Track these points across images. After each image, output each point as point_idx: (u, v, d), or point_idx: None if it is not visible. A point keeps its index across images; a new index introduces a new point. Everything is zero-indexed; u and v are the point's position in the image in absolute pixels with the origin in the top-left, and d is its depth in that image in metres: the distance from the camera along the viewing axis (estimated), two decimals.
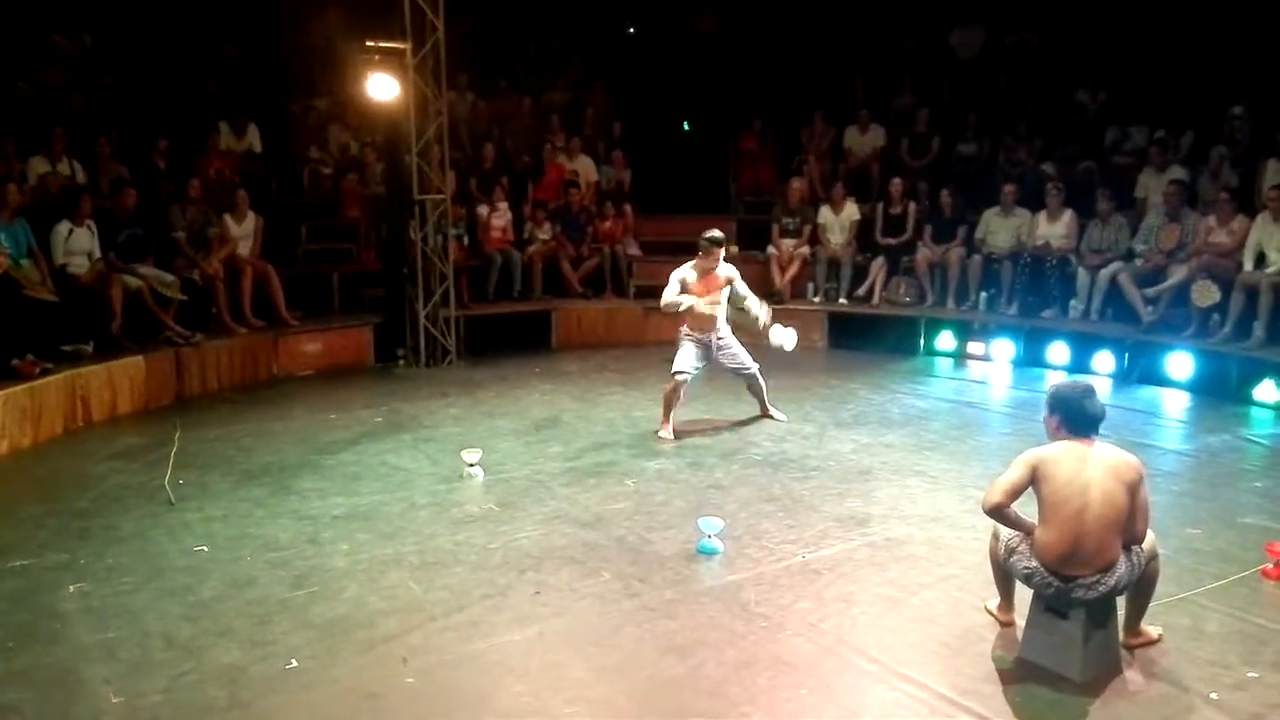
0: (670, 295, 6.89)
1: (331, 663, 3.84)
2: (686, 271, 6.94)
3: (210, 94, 10.66)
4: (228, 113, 10.41)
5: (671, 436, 6.90)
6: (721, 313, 7.05)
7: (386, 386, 8.73)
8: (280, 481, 6.02)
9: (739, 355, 7.13)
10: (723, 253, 6.96)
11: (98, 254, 8.00)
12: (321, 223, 10.34)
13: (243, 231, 9.13)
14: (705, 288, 6.93)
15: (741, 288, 7.13)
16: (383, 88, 8.83)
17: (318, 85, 11.31)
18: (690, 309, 6.89)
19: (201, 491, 5.84)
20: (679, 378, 6.92)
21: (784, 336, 7.15)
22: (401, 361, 9.45)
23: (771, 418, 7.31)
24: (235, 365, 8.68)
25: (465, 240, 10.17)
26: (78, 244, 7.89)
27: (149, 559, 4.85)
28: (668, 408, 6.98)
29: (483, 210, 10.50)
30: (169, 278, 8.31)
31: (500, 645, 3.97)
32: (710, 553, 4.84)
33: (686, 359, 6.95)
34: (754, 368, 7.19)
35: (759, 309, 7.11)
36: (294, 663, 3.83)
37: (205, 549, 4.97)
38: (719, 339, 7.05)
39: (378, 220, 10.10)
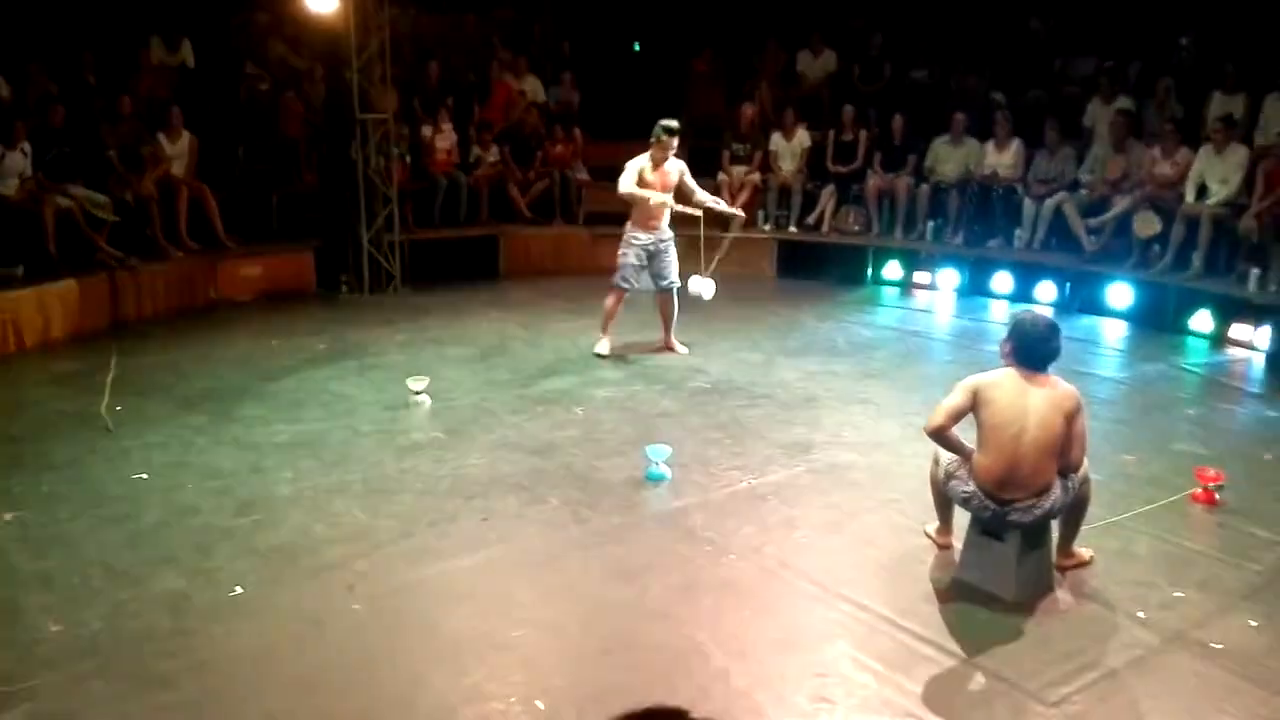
0: (629, 185, 6.73)
1: (276, 590, 3.83)
2: (643, 161, 6.81)
3: (141, 6, 10.18)
4: (160, 26, 9.98)
5: (607, 349, 6.96)
6: (668, 211, 6.91)
7: (329, 312, 8.60)
8: (221, 408, 5.92)
9: (671, 265, 7.00)
10: (675, 142, 6.78)
11: (30, 174, 7.70)
12: (259, 142, 10.01)
13: (177, 151, 8.83)
14: (660, 181, 6.81)
15: (691, 182, 7.02)
16: (321, 0, 8.51)
17: None
18: (645, 201, 6.73)
19: (140, 418, 5.73)
20: (622, 286, 6.90)
21: (702, 286, 7.01)
22: (344, 287, 9.28)
23: (673, 350, 7.21)
24: (172, 289, 8.47)
25: (408, 160, 9.94)
26: (11, 166, 7.57)
27: (86, 487, 4.77)
28: (608, 319, 7.01)
29: (427, 131, 10.25)
30: (101, 198, 8.03)
31: (447, 571, 3.98)
32: (658, 479, 4.88)
33: (634, 274, 6.90)
34: (677, 283, 7.04)
35: (713, 202, 7.09)
36: (238, 590, 3.81)
37: (145, 476, 4.90)
38: (662, 241, 6.94)
39: (318, 140, 9.82)
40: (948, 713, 3.15)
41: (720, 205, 7.18)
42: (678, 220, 7.05)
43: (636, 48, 13.08)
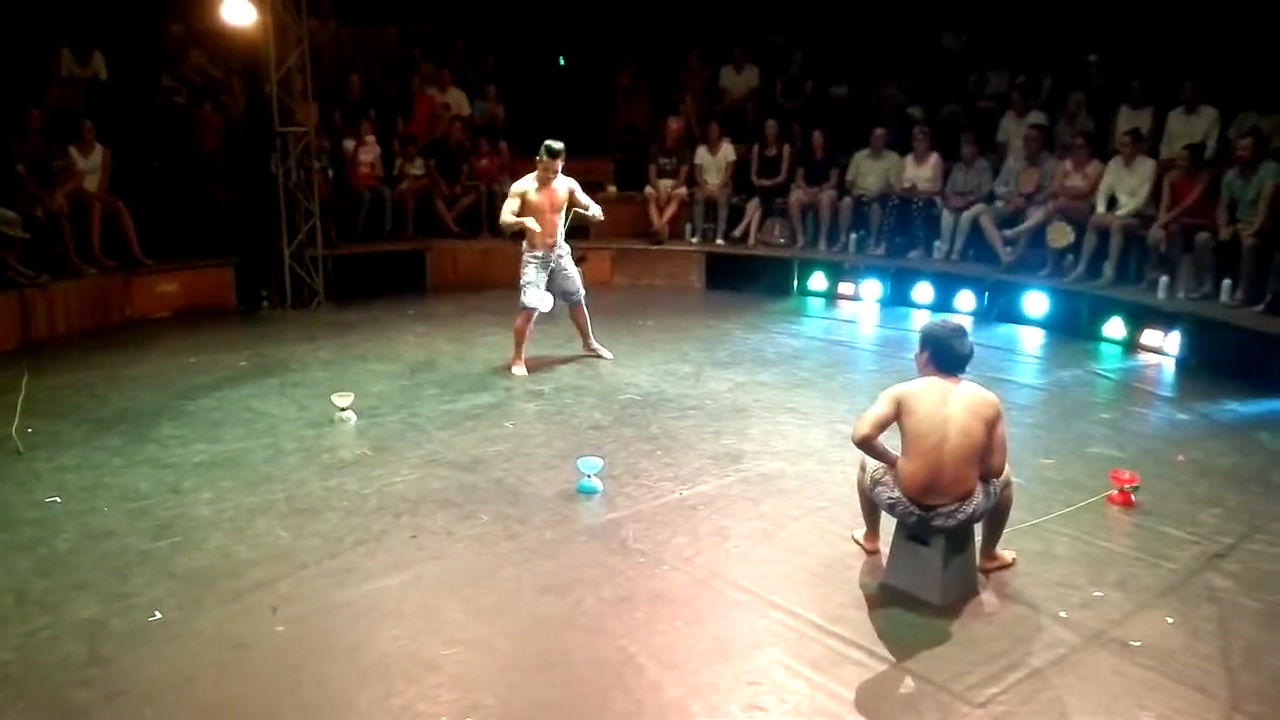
0: (506, 216, 6.74)
1: (197, 614, 3.72)
2: (527, 183, 6.80)
3: (51, 16, 9.87)
4: (70, 37, 9.69)
5: (524, 371, 6.92)
6: (562, 228, 6.92)
7: (250, 329, 8.42)
8: (137, 429, 5.75)
9: (573, 277, 7.07)
10: (560, 164, 6.77)
11: None
12: (175, 156, 9.76)
13: (89, 165, 8.59)
14: (547, 200, 6.79)
15: (583, 197, 7.02)
16: (239, 12, 8.36)
17: (172, 8, 10.59)
18: (533, 219, 6.71)
19: (52, 440, 5.54)
20: (529, 307, 6.86)
21: (540, 299, 6.91)
22: (266, 303, 9.11)
23: (597, 354, 7.31)
24: (85, 307, 8.23)
25: (330, 174, 9.79)
26: None
27: None
28: (520, 341, 6.98)
29: (349, 144, 10.12)
30: (10, 214, 7.73)
31: (375, 591, 3.91)
32: (590, 492, 4.86)
33: (537, 292, 6.86)
34: (582, 293, 7.14)
35: (597, 211, 7.07)
36: (157, 615, 3.70)
37: (58, 500, 4.73)
38: (558, 255, 6.95)
39: (236, 153, 9.62)
40: (878, 716, 3.19)
41: (592, 210, 7.07)
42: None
43: (562, 62, 13.08)
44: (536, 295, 6.91)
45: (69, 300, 8.09)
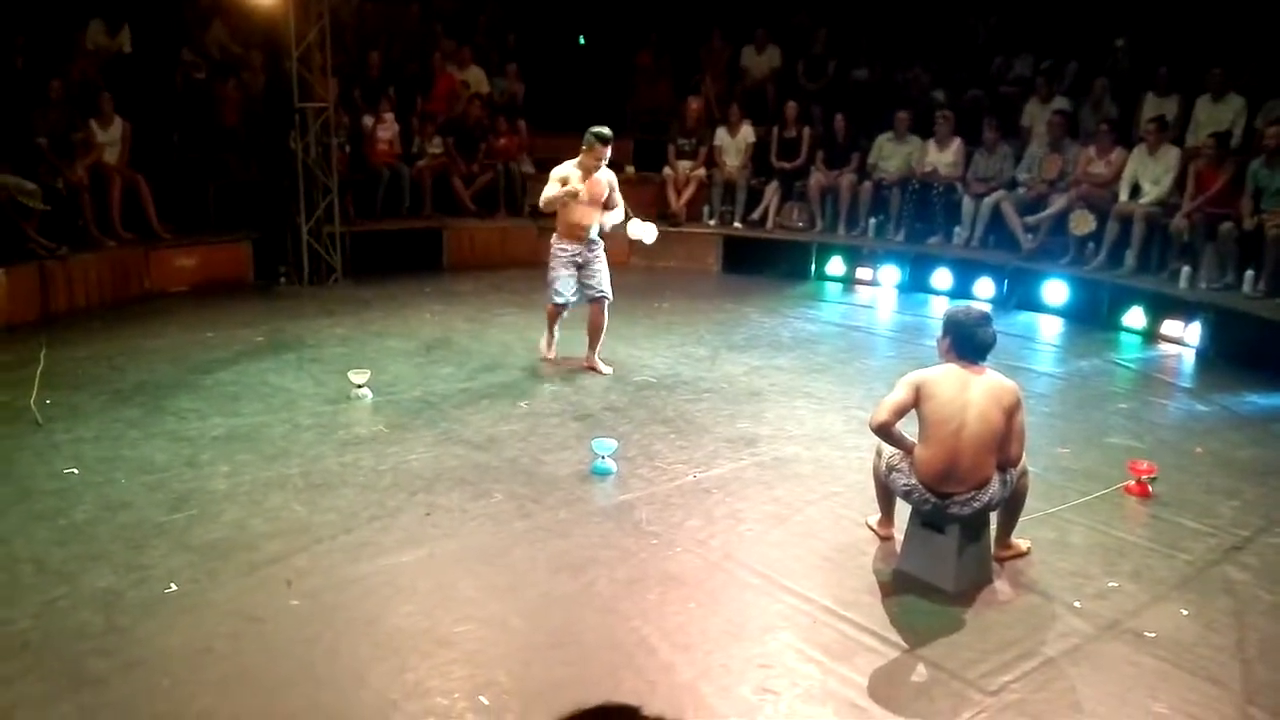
0: (550, 192, 6.31)
1: (212, 586, 3.74)
2: (569, 170, 6.36)
3: None
4: (102, 9, 9.69)
5: (553, 356, 6.79)
6: (597, 221, 6.44)
7: (268, 304, 8.44)
8: (155, 402, 5.78)
9: (603, 277, 6.54)
10: (608, 152, 6.35)
11: None
12: (195, 130, 9.78)
13: (109, 137, 8.61)
14: (588, 191, 6.34)
15: (617, 197, 6.54)
16: None
17: None
18: (568, 207, 6.31)
19: (71, 412, 5.57)
20: (556, 302, 6.53)
21: (643, 230, 6.63)
22: (283, 279, 9.12)
23: (595, 370, 6.61)
24: (105, 280, 8.26)
25: (348, 150, 9.79)
26: None
27: (15, 481, 4.62)
28: (550, 327, 6.79)
29: (368, 121, 10.11)
30: (30, 186, 7.77)
31: (389, 567, 3.93)
32: (603, 473, 4.86)
33: (566, 286, 6.46)
34: (609, 295, 6.57)
35: (622, 217, 6.60)
36: (173, 586, 3.72)
37: (76, 471, 4.76)
38: (591, 252, 6.49)
39: (256, 129, 9.62)
40: (890, 703, 3.18)
41: (620, 219, 6.61)
42: None
43: (582, 41, 13.02)
44: (639, 226, 6.58)
45: (88, 273, 8.13)
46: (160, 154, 9.32)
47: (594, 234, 6.50)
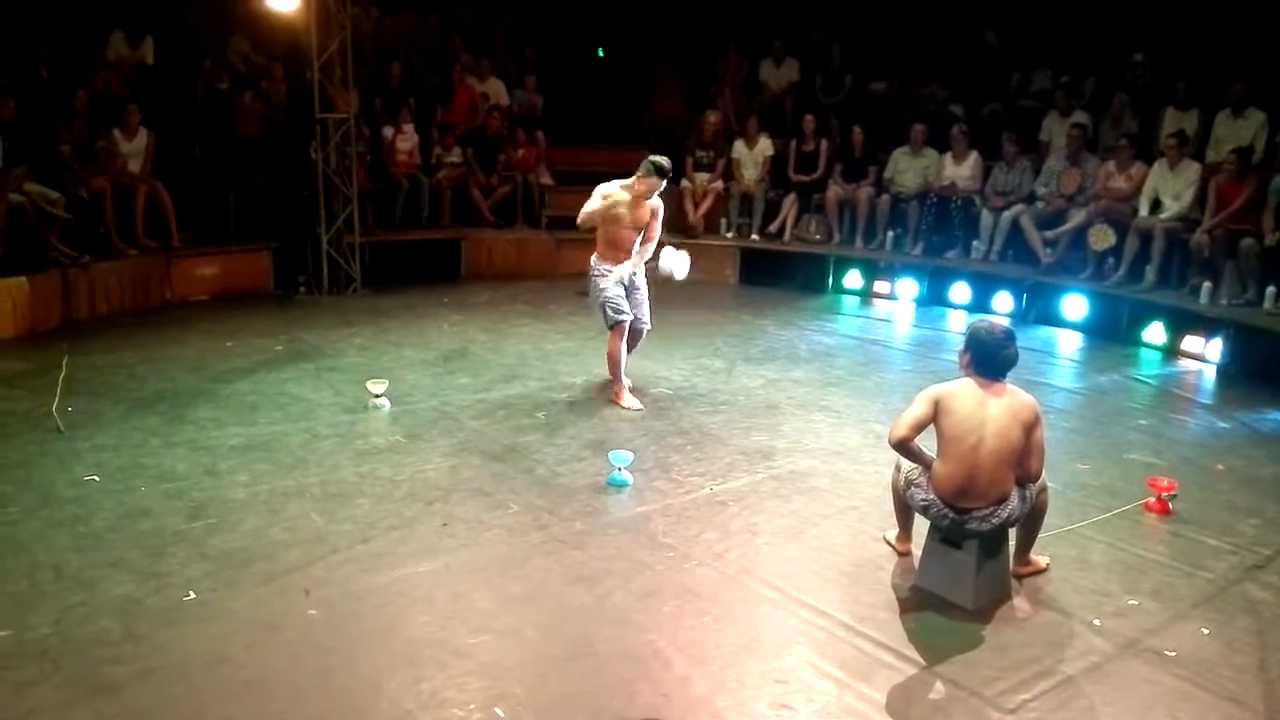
0: (589, 208, 5.99)
1: (230, 595, 3.76)
2: (617, 189, 6.01)
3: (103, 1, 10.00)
4: (124, 21, 9.80)
5: (636, 403, 6.12)
6: (637, 242, 6.15)
7: (286, 314, 8.49)
8: (175, 410, 5.82)
9: (645, 306, 6.29)
10: (662, 185, 6.01)
11: None
12: (216, 140, 9.87)
13: (133, 148, 8.69)
14: (632, 215, 6.04)
15: (658, 228, 6.20)
16: None
17: None
18: (608, 227, 6.03)
19: (91, 419, 5.61)
20: (621, 320, 6.04)
21: (675, 261, 6.20)
22: (302, 288, 9.18)
23: (621, 405, 6.13)
24: (126, 288, 8.33)
25: (369, 158, 9.85)
26: None
27: (36, 488, 4.66)
28: (617, 365, 6.13)
29: (388, 132, 10.18)
30: (54, 194, 7.86)
31: (406, 577, 3.93)
32: (620, 485, 4.86)
33: (618, 299, 6.04)
34: (648, 324, 6.39)
35: (645, 255, 6.22)
36: (191, 595, 3.74)
37: (96, 479, 4.79)
38: (634, 276, 6.17)
39: (276, 139, 9.70)
40: None
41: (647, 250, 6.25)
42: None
43: (601, 53, 13.07)
44: (671, 256, 6.15)
45: (110, 281, 8.19)
46: (181, 163, 9.40)
47: (636, 261, 6.18)
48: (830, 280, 9.96)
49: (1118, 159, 8.66)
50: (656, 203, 6.13)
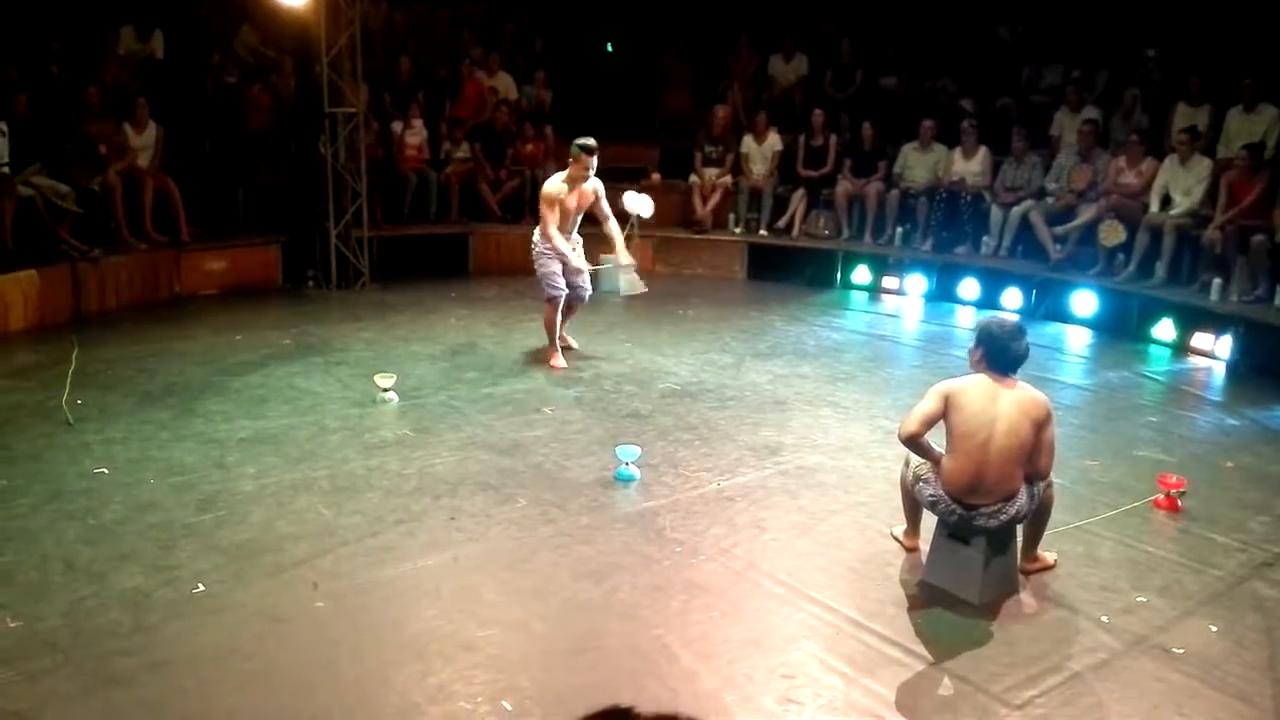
0: (551, 229, 6.51)
1: (239, 587, 3.78)
2: (558, 186, 6.54)
3: None
4: (134, 15, 9.82)
5: (564, 364, 6.77)
6: (578, 220, 6.76)
7: (295, 308, 8.51)
8: (184, 403, 5.84)
9: (583, 276, 6.81)
10: (594, 161, 6.53)
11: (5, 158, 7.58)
12: (225, 134, 9.88)
13: (143, 142, 8.71)
14: (576, 201, 6.59)
15: (605, 207, 6.76)
16: None
17: None
18: (555, 213, 6.50)
19: (101, 412, 5.64)
20: (555, 295, 6.64)
21: (639, 202, 6.98)
22: (311, 282, 9.19)
23: (565, 344, 7.01)
24: (136, 282, 8.36)
25: (381, 154, 9.85)
26: None
27: (46, 480, 4.68)
28: (552, 330, 6.81)
29: (397, 127, 10.18)
30: (63, 188, 7.88)
31: (413, 570, 3.95)
32: (627, 480, 4.86)
33: (556, 277, 6.61)
34: (588, 289, 6.91)
35: (618, 234, 6.80)
36: (200, 587, 3.76)
37: (105, 471, 4.82)
38: (574, 250, 6.73)
39: (285, 133, 9.71)
40: (914, 715, 3.16)
41: (618, 240, 6.85)
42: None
43: (610, 48, 13.05)
44: (635, 199, 6.93)
45: (119, 275, 8.22)
46: (191, 158, 9.41)
47: (577, 236, 6.86)
48: (839, 276, 9.94)
49: (1129, 154, 8.62)
50: (596, 183, 6.67)
